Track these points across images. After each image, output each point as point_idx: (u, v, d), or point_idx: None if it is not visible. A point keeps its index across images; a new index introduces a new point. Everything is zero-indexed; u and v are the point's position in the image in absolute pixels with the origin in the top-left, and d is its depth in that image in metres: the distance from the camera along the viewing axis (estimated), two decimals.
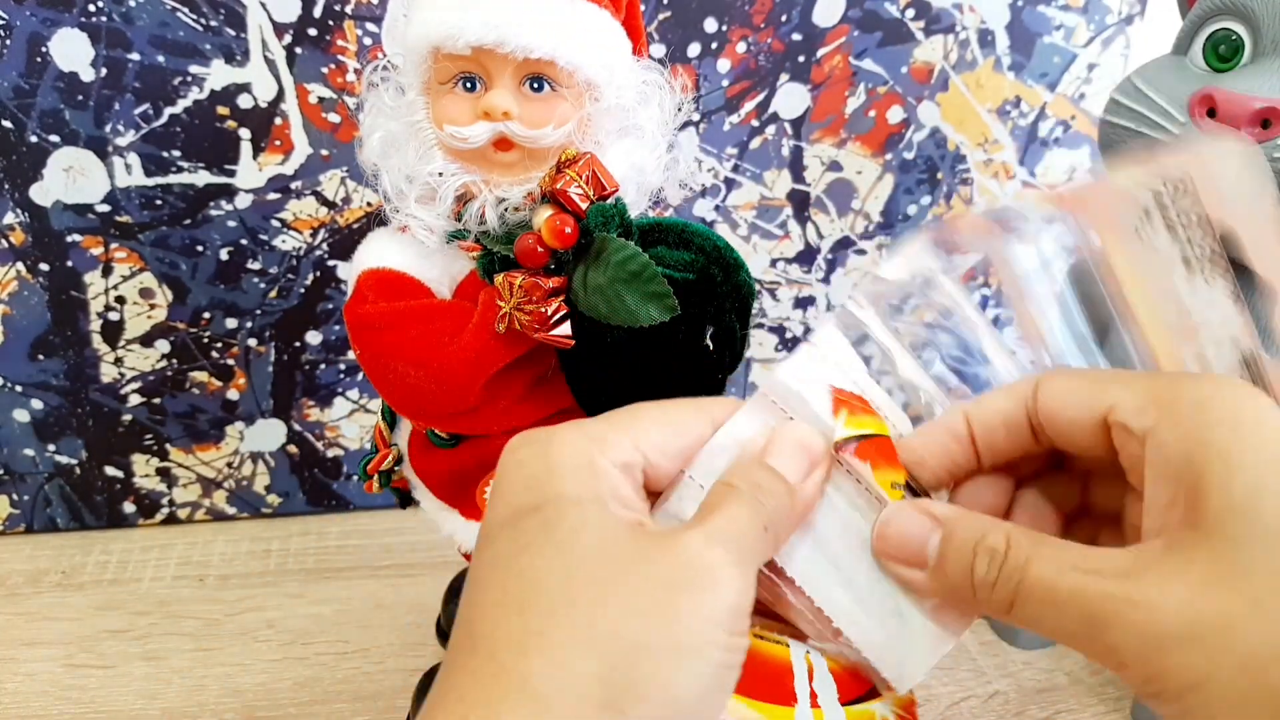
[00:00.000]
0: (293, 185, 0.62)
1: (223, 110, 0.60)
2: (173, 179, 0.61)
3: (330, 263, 0.64)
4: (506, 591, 0.24)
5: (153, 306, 0.64)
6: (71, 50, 0.57)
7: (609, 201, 0.39)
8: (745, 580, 0.24)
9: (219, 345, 0.66)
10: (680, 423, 0.27)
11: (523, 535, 0.24)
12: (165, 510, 0.71)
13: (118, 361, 0.65)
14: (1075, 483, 0.29)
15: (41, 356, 0.65)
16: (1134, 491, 0.26)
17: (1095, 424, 0.25)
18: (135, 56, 0.58)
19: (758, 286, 0.70)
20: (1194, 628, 0.21)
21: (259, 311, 0.65)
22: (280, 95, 0.60)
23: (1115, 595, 0.22)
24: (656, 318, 0.38)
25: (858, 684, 0.28)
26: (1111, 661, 0.23)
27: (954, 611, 0.27)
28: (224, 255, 0.63)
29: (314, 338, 0.67)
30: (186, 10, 0.57)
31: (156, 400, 0.67)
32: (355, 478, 0.72)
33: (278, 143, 0.61)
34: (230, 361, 0.67)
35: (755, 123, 0.65)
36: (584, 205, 0.39)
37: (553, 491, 0.25)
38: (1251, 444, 0.23)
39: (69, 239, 0.61)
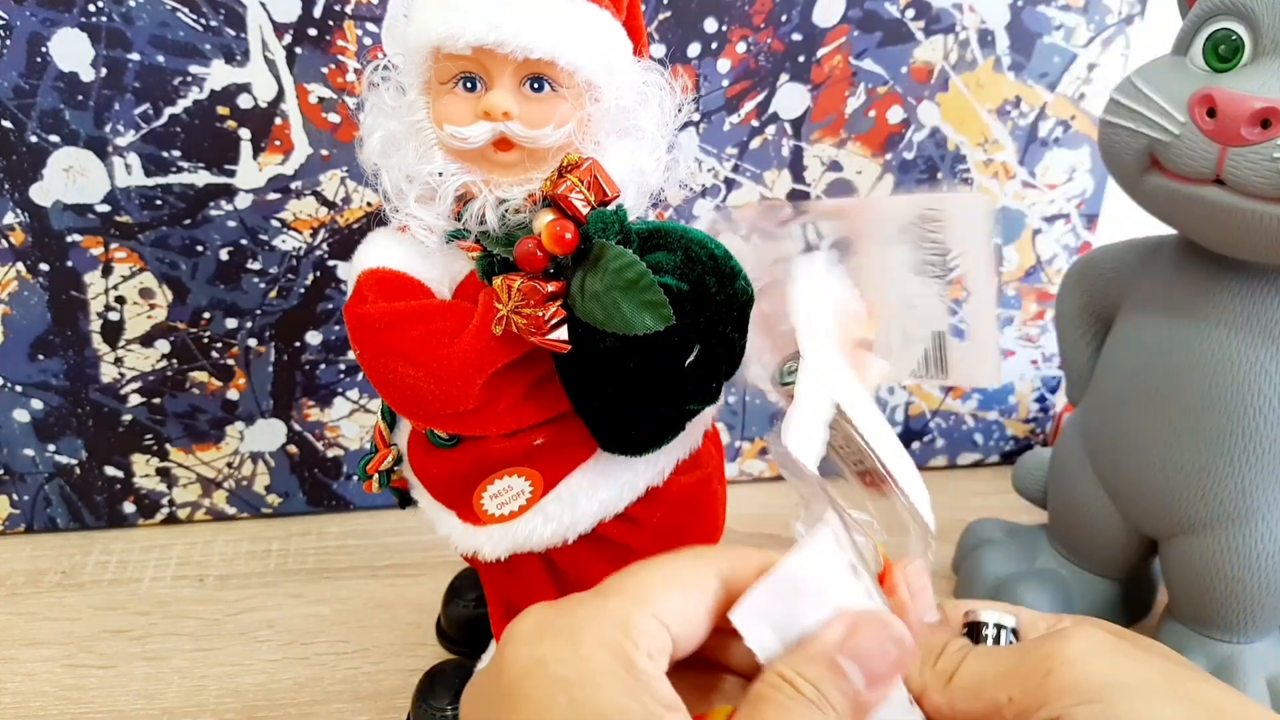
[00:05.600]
0: (293, 185, 0.62)
1: (223, 110, 0.60)
2: (173, 179, 0.61)
3: (330, 263, 0.64)
4: None
5: (153, 306, 0.64)
6: (71, 50, 0.57)
7: (610, 208, 0.39)
8: None
9: (219, 345, 0.66)
10: (692, 583, 0.25)
11: None
12: (165, 510, 0.71)
13: (118, 361, 0.65)
14: None
15: (41, 356, 0.65)
16: None
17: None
18: (135, 56, 0.58)
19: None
20: None
21: (259, 311, 0.65)
22: (280, 95, 0.60)
23: None
24: (651, 326, 0.38)
25: None
26: None
27: None
28: (224, 255, 0.63)
29: (314, 338, 0.67)
30: (186, 10, 0.57)
31: (156, 400, 0.67)
32: (355, 478, 0.72)
33: (278, 143, 0.61)
34: (230, 361, 0.67)
35: (755, 123, 0.65)
36: (585, 211, 0.39)
37: (607, 709, 0.22)
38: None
39: (69, 239, 0.61)
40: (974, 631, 0.27)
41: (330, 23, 0.58)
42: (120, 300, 0.64)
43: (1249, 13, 0.44)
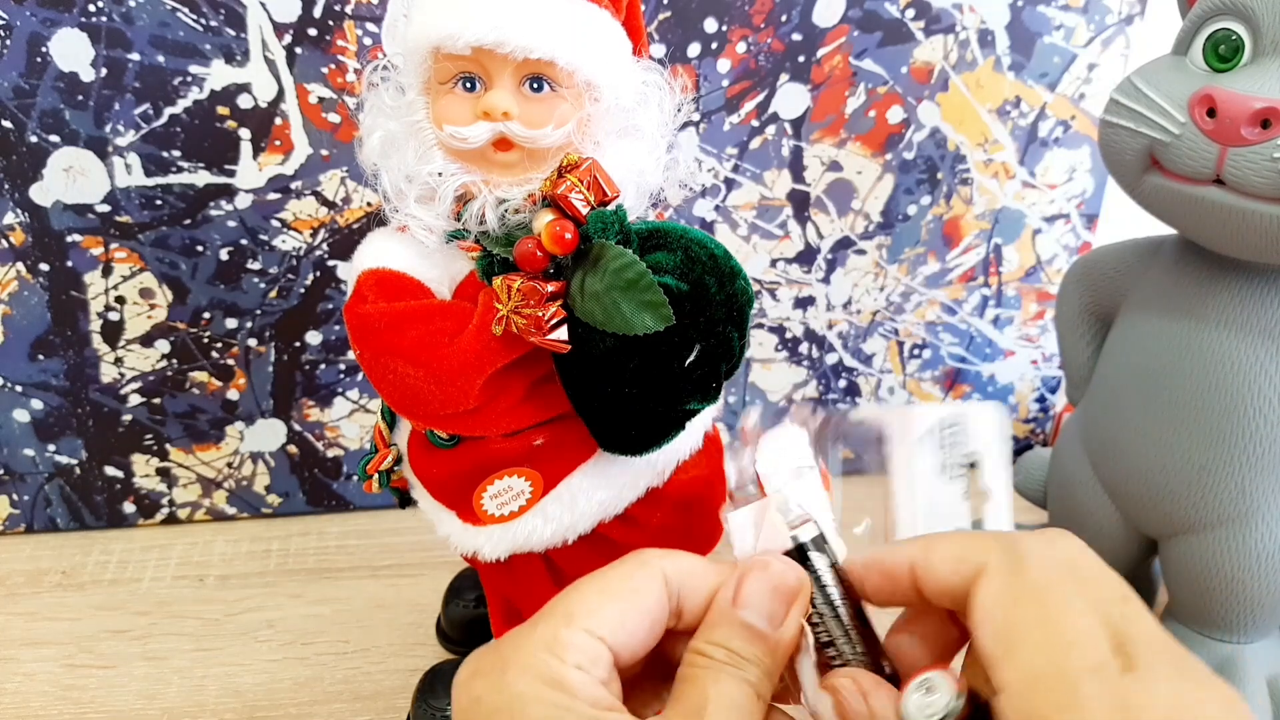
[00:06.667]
0: (293, 185, 0.62)
1: (223, 110, 0.60)
2: (173, 179, 0.61)
3: (330, 263, 0.64)
4: None
5: (153, 306, 0.64)
6: (71, 50, 0.57)
7: (609, 208, 0.39)
8: None
9: (219, 345, 0.66)
10: (627, 591, 0.25)
11: None
12: (165, 510, 0.71)
13: (118, 361, 0.65)
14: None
15: (41, 356, 0.65)
16: None
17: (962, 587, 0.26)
18: (135, 56, 0.58)
19: (757, 286, 0.70)
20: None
21: (259, 311, 0.65)
22: (280, 95, 0.60)
23: None
24: (651, 326, 0.38)
25: None
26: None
27: None
28: (224, 255, 0.63)
29: (314, 338, 0.67)
30: (186, 10, 0.57)
31: (156, 400, 0.67)
32: (355, 478, 0.72)
33: (278, 143, 0.61)
34: (230, 361, 0.67)
35: (755, 123, 0.65)
36: (585, 211, 0.39)
37: None
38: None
39: (69, 239, 0.62)
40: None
41: (330, 23, 0.58)
42: (120, 300, 0.64)
43: (1249, 13, 0.44)
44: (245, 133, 0.60)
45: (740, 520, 0.28)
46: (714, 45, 0.62)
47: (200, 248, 0.63)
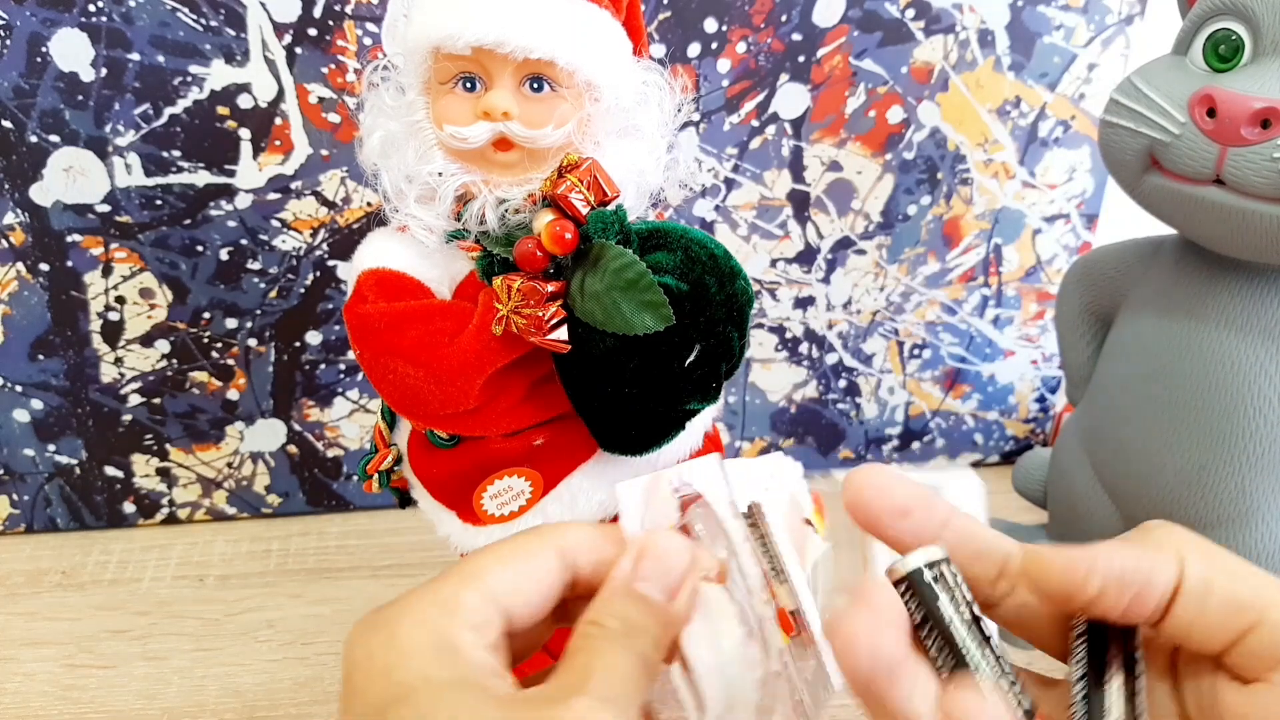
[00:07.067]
0: (293, 185, 0.62)
1: (223, 110, 0.60)
2: (173, 179, 0.61)
3: (330, 263, 0.64)
4: None
5: (153, 306, 0.64)
6: (71, 50, 0.57)
7: (609, 208, 0.39)
8: None
9: (219, 345, 0.66)
10: (525, 560, 0.26)
11: None
12: (165, 510, 0.71)
13: (118, 361, 0.65)
14: None
15: (41, 356, 0.65)
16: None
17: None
18: (135, 56, 0.58)
19: (757, 286, 0.70)
20: None
21: (259, 311, 0.65)
22: (280, 95, 0.60)
23: None
24: (651, 326, 0.38)
25: None
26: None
27: None
28: (224, 255, 0.63)
29: (314, 338, 0.67)
30: (186, 10, 0.57)
31: (156, 400, 0.67)
32: (355, 478, 0.72)
33: (278, 143, 0.61)
34: (230, 361, 0.67)
35: (755, 123, 0.65)
36: (585, 211, 0.39)
37: (414, 681, 0.23)
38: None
39: (69, 239, 0.62)
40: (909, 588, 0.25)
41: (330, 23, 0.58)
42: (120, 300, 0.64)
43: (1249, 13, 0.44)
44: (245, 133, 0.60)
45: (629, 493, 0.29)
46: (714, 45, 0.62)
47: (200, 248, 0.63)
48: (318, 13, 0.58)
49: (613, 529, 0.28)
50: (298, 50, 0.59)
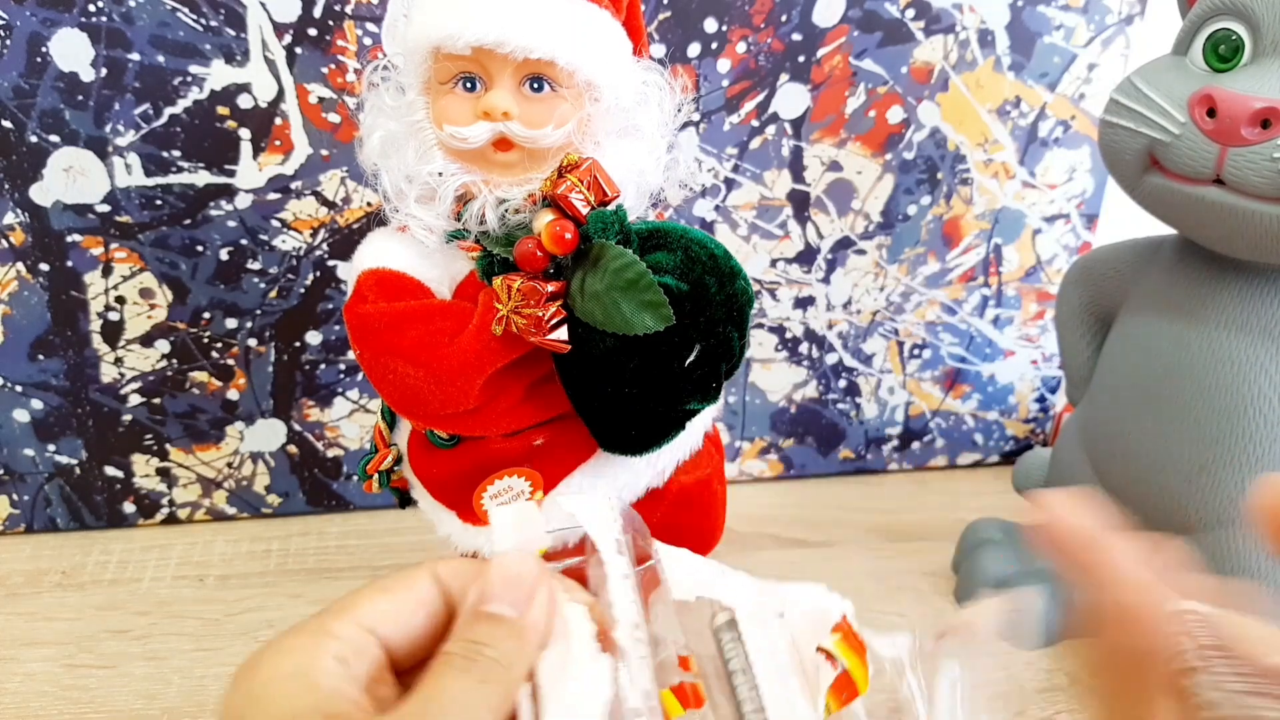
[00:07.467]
0: (293, 185, 0.62)
1: (223, 110, 0.60)
2: (173, 179, 0.61)
3: (330, 263, 0.64)
4: None
5: (153, 306, 0.64)
6: (71, 50, 0.57)
7: (609, 208, 0.39)
8: None
9: (219, 345, 0.66)
10: (403, 589, 0.27)
11: None
12: (165, 510, 0.71)
13: (118, 361, 0.65)
14: None
15: (41, 356, 0.65)
16: None
17: None
18: (135, 56, 0.58)
19: (757, 286, 0.70)
20: None
21: (259, 311, 0.65)
22: (280, 95, 0.60)
23: None
24: (651, 326, 0.38)
25: None
26: None
27: None
28: (224, 255, 0.63)
29: (314, 338, 0.67)
30: (186, 10, 0.57)
31: (156, 400, 0.67)
32: (355, 478, 0.72)
33: (278, 143, 0.61)
34: (230, 361, 0.67)
35: (755, 123, 0.65)
36: (585, 211, 0.39)
37: (265, 707, 0.24)
38: None
39: (69, 239, 0.62)
40: None
41: (330, 23, 0.58)
42: (120, 300, 0.64)
43: (1249, 13, 0.44)
44: (245, 133, 0.60)
45: (502, 519, 0.30)
46: (714, 45, 0.62)
47: (200, 248, 0.63)
48: (318, 13, 0.58)
49: (486, 562, 0.29)
50: (298, 50, 0.59)
